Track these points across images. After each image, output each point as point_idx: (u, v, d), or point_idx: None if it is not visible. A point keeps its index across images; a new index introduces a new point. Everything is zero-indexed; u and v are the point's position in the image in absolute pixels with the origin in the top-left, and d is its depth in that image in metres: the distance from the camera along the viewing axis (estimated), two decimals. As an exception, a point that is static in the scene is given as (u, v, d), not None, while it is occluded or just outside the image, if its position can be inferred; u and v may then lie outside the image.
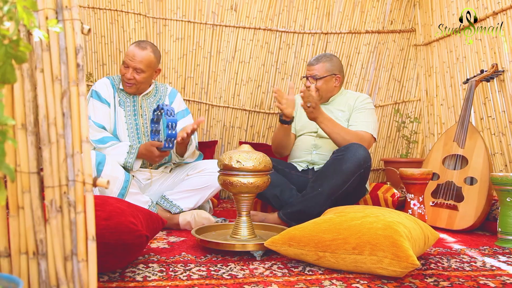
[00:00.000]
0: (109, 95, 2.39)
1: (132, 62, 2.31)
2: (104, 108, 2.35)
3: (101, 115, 2.33)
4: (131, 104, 2.41)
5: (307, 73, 2.55)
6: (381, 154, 3.85)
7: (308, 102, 2.21)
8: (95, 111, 2.32)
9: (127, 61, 2.32)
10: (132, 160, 2.23)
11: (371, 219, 1.51)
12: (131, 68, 2.32)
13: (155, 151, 2.20)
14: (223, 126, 3.67)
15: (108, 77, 2.46)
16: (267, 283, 1.37)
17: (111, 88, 2.41)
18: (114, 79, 2.46)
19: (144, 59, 2.31)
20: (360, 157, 2.11)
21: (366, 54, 3.78)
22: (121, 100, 2.40)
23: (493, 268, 1.58)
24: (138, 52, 2.31)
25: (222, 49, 3.61)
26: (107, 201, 1.47)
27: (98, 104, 2.34)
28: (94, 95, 2.35)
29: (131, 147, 2.25)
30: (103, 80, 2.43)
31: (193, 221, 2.21)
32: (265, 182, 1.79)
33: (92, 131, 2.27)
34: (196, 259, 1.66)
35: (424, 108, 3.68)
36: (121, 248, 1.32)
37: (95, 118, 2.31)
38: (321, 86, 2.52)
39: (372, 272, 1.44)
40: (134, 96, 2.43)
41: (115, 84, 2.43)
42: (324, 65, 2.53)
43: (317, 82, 2.51)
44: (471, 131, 2.43)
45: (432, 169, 2.51)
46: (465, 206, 2.26)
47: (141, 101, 2.43)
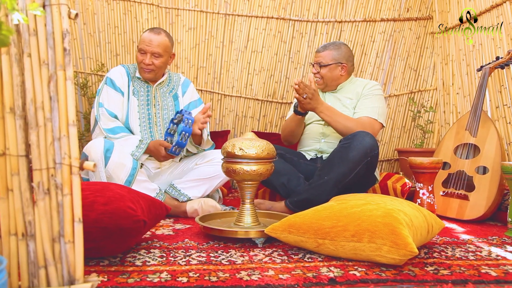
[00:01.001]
0: (123, 83, 2.41)
1: (149, 47, 2.33)
2: (117, 96, 2.37)
3: (115, 103, 2.35)
4: (145, 93, 2.43)
5: (314, 60, 2.55)
6: (395, 144, 3.79)
7: (303, 94, 2.19)
8: (108, 98, 2.35)
9: (143, 47, 2.34)
10: (139, 154, 2.25)
11: (371, 206, 1.50)
12: (148, 54, 2.34)
13: (162, 151, 2.23)
14: (236, 116, 3.67)
15: (123, 65, 2.48)
16: (264, 269, 1.38)
17: (126, 76, 2.43)
18: (129, 67, 2.48)
19: (160, 43, 2.35)
20: (366, 145, 2.08)
21: (381, 43, 3.71)
22: (135, 89, 2.42)
23: (499, 257, 1.55)
24: (154, 37, 2.34)
25: (234, 38, 3.60)
26: (108, 187, 1.49)
27: (112, 92, 2.36)
28: (108, 83, 2.38)
29: (141, 142, 2.28)
30: (118, 68, 2.45)
31: (200, 209, 2.23)
32: (268, 170, 1.79)
33: (105, 120, 2.30)
34: (198, 246, 1.67)
35: (440, 97, 3.60)
36: (119, 232, 1.34)
37: (108, 106, 2.34)
38: (326, 74, 2.50)
39: (371, 260, 1.42)
40: (148, 85, 2.45)
41: (130, 73, 2.45)
42: (331, 53, 2.51)
43: (321, 70, 2.49)
44: (484, 119, 2.36)
45: (444, 158, 2.46)
46: (476, 196, 2.22)
47: (154, 91, 2.46)
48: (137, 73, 2.45)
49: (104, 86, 2.38)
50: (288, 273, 1.33)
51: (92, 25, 3.41)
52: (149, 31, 2.38)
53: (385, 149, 3.80)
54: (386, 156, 3.80)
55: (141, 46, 2.35)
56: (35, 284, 0.91)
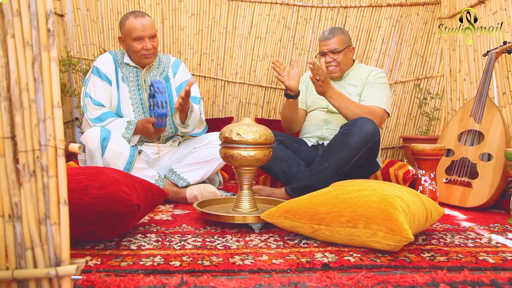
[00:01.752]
0: (110, 71, 2.37)
1: (145, 32, 2.28)
2: (104, 85, 2.34)
3: (101, 92, 2.32)
4: (134, 78, 2.40)
5: (324, 49, 2.47)
6: (401, 131, 3.75)
7: (317, 75, 2.16)
8: (95, 88, 2.32)
9: (139, 34, 2.27)
10: (129, 136, 2.24)
11: (367, 192, 1.48)
12: (146, 38, 2.29)
13: (151, 128, 2.21)
14: (239, 103, 3.66)
15: (110, 51, 2.44)
16: (258, 254, 1.37)
17: (113, 63, 2.39)
18: (117, 54, 2.43)
19: (151, 24, 2.32)
20: (367, 131, 2.06)
21: (387, 29, 3.66)
22: (124, 75, 2.39)
23: (498, 245, 1.53)
24: (144, 20, 2.29)
25: (238, 24, 3.57)
26: (103, 171, 1.49)
27: (97, 81, 2.33)
28: (94, 72, 2.35)
29: (129, 123, 2.27)
30: (105, 56, 2.41)
31: (200, 195, 2.23)
32: (266, 155, 1.78)
33: (90, 109, 2.29)
34: (194, 231, 1.67)
35: (447, 84, 3.55)
36: (113, 216, 1.34)
37: (94, 95, 2.31)
38: (342, 59, 2.47)
39: (367, 246, 1.41)
40: (138, 70, 2.42)
41: (117, 59, 2.41)
42: (340, 38, 2.48)
43: (337, 56, 2.45)
44: (489, 105, 2.32)
45: (447, 145, 2.43)
46: (479, 183, 2.18)
47: (144, 75, 2.43)
48: (125, 58, 2.40)
49: (90, 76, 2.35)
50: (282, 258, 1.33)
51: (95, 11, 3.40)
52: (133, 17, 2.28)
53: (390, 137, 3.76)
54: (391, 144, 3.77)
55: (136, 34, 2.27)
56: (22, 265, 0.91)
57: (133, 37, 2.30)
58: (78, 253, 1.35)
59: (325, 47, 2.46)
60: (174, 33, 3.50)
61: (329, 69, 2.47)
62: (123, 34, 2.34)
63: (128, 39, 2.32)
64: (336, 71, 2.49)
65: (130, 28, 2.29)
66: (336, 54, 2.45)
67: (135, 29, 2.28)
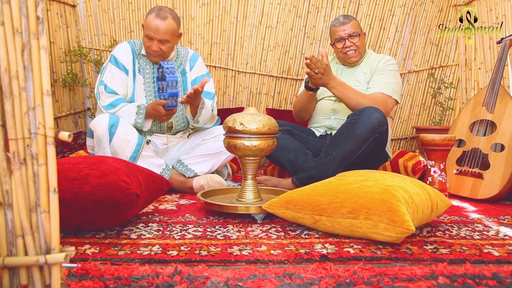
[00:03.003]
0: (128, 61, 2.37)
1: (156, 35, 2.25)
2: (121, 75, 2.34)
3: (117, 81, 2.32)
4: (150, 70, 2.40)
5: (342, 34, 2.42)
6: (414, 121, 3.69)
7: (315, 68, 2.12)
8: (112, 76, 2.32)
9: (150, 34, 2.26)
10: (141, 120, 2.24)
11: (369, 183, 1.45)
12: (156, 41, 2.27)
13: (162, 110, 2.19)
14: (250, 93, 3.64)
15: (129, 41, 2.43)
16: (257, 244, 1.36)
17: (131, 54, 2.38)
18: (135, 43, 2.43)
19: (167, 29, 2.26)
20: (374, 121, 2.02)
21: (401, 17, 3.58)
22: (140, 66, 2.39)
23: (506, 237, 1.48)
24: (161, 23, 2.24)
25: (248, 13, 3.53)
26: (104, 160, 1.49)
27: (115, 70, 2.33)
28: (112, 61, 2.35)
29: (139, 107, 2.26)
30: (123, 46, 2.40)
31: (206, 185, 2.22)
32: (269, 145, 1.76)
33: (103, 97, 2.29)
34: (197, 221, 1.67)
35: (462, 73, 3.46)
36: (112, 205, 1.34)
37: (111, 84, 2.31)
38: (361, 43, 2.45)
39: (368, 237, 1.39)
40: (154, 62, 2.41)
41: (135, 50, 2.40)
42: (355, 23, 2.46)
43: (357, 40, 2.41)
44: (502, 94, 2.25)
45: (459, 135, 2.37)
46: (490, 174, 2.13)
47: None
48: (143, 50, 2.40)
49: (108, 64, 2.35)
50: (281, 249, 1.31)
51: (106, 2, 3.41)
52: (155, 15, 2.26)
53: (403, 127, 3.70)
54: (404, 134, 3.71)
55: (147, 32, 2.26)
56: (13, 252, 0.91)
57: (145, 33, 2.30)
58: (78, 241, 1.36)
59: (343, 32, 2.41)
60: (185, 22, 3.49)
61: (349, 54, 2.43)
62: (144, 24, 2.34)
63: (143, 31, 2.33)
64: (356, 55, 2.45)
65: (146, 23, 2.29)
66: (354, 37, 2.41)
67: (148, 27, 2.27)
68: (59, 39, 3.12)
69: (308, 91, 2.35)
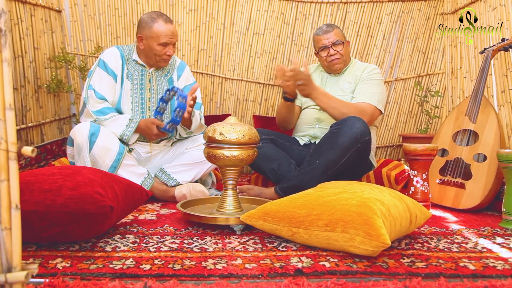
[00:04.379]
0: (116, 66, 2.35)
1: (173, 39, 2.29)
2: (109, 80, 2.31)
3: (105, 86, 2.30)
4: (139, 77, 2.38)
5: (326, 42, 2.43)
6: (401, 129, 3.69)
7: (298, 80, 2.12)
8: (100, 81, 2.30)
9: (168, 40, 2.26)
10: (129, 133, 2.23)
11: (347, 195, 1.44)
12: (171, 45, 2.30)
13: (154, 129, 2.19)
14: (237, 100, 3.62)
15: (117, 46, 2.40)
16: (233, 257, 1.34)
17: (120, 59, 2.36)
18: (124, 49, 2.40)
19: (176, 31, 2.33)
20: (356, 131, 2.01)
21: (388, 24, 3.59)
22: (129, 72, 2.37)
23: (484, 250, 1.48)
24: (172, 26, 2.29)
25: (236, 20, 3.53)
26: (79, 171, 1.47)
27: (103, 74, 2.31)
28: (101, 65, 2.32)
29: (131, 121, 2.25)
30: (112, 50, 2.38)
31: (189, 194, 2.21)
32: (250, 156, 1.74)
33: (93, 102, 2.26)
34: (175, 232, 1.65)
35: (448, 81, 3.48)
36: (85, 218, 1.32)
37: (99, 89, 2.28)
38: (345, 51, 2.46)
39: (345, 250, 1.38)
40: (143, 69, 2.39)
41: (124, 55, 2.38)
42: (338, 31, 2.47)
43: (341, 48, 2.41)
44: (484, 104, 2.26)
45: (442, 145, 2.38)
46: (472, 184, 2.13)
47: (150, 75, 2.40)
48: (132, 55, 2.38)
49: (96, 68, 2.32)
50: (256, 262, 1.30)
51: (92, 7, 3.39)
52: (164, 21, 2.26)
53: (390, 135, 3.71)
54: (391, 142, 3.72)
55: (164, 40, 2.25)
56: (-26, 271, 0.89)
57: (160, 42, 2.27)
58: (51, 254, 1.34)
59: (327, 40, 2.42)
60: (172, 29, 3.47)
61: (333, 62, 2.44)
62: (147, 35, 2.28)
63: (152, 41, 2.27)
64: (340, 63, 2.46)
65: (158, 32, 2.25)
66: (338, 46, 2.42)
67: (165, 35, 2.25)
68: (43, 45, 3.10)
69: (286, 101, 2.35)
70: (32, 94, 2.95)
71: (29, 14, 2.94)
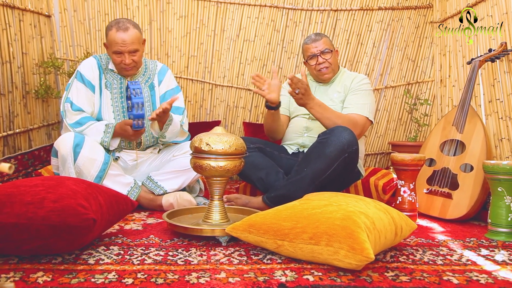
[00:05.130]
0: (94, 77, 2.33)
1: (125, 48, 2.22)
2: (86, 92, 2.30)
3: (83, 98, 2.28)
4: (118, 85, 2.36)
5: (315, 51, 2.44)
6: (391, 137, 3.71)
7: (296, 89, 2.12)
8: (78, 93, 2.28)
9: (118, 48, 2.22)
10: (108, 139, 2.21)
11: (332, 208, 1.44)
12: (126, 54, 2.24)
13: (129, 130, 2.17)
14: (227, 106, 3.62)
15: (95, 56, 2.40)
16: (217, 270, 1.34)
17: (97, 69, 2.35)
18: (102, 58, 2.39)
19: (134, 39, 2.24)
20: (344, 141, 2.02)
21: (378, 32, 3.61)
22: (107, 81, 2.35)
23: (468, 262, 1.49)
24: (125, 35, 2.21)
25: (226, 27, 3.52)
26: (63, 183, 1.46)
27: (80, 86, 2.29)
28: (78, 77, 2.31)
29: (107, 126, 2.23)
30: (89, 61, 2.37)
31: (176, 203, 2.19)
32: (236, 166, 1.74)
33: (69, 115, 2.25)
34: (160, 243, 1.64)
35: (437, 89, 3.50)
36: (68, 230, 1.31)
37: (77, 101, 2.27)
38: (333, 60, 2.47)
39: (330, 264, 1.37)
40: (122, 78, 2.38)
41: (101, 65, 2.37)
42: (327, 40, 2.48)
43: (329, 57, 2.42)
44: (471, 114, 2.27)
45: (429, 154, 2.39)
46: (459, 194, 2.14)
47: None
48: (109, 65, 2.36)
49: (74, 81, 2.31)
50: (240, 276, 1.29)
51: (82, 13, 3.37)
52: (116, 29, 2.22)
53: (380, 142, 3.72)
54: (380, 149, 3.73)
55: (115, 48, 2.22)
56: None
57: (113, 50, 2.26)
58: (32, 267, 1.33)
59: (316, 49, 2.43)
60: (162, 35, 3.46)
61: (322, 71, 2.44)
62: (107, 43, 2.29)
63: (109, 49, 2.28)
64: (329, 71, 2.46)
65: (111, 40, 2.24)
66: (327, 54, 2.43)
67: (114, 42, 2.23)
68: (32, 50, 3.07)
69: (269, 110, 2.35)
70: (20, 100, 2.93)
71: (18, 19, 2.92)
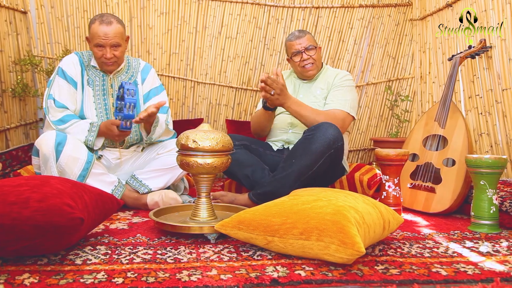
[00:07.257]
0: (76, 74, 2.30)
1: (107, 41, 2.20)
2: (69, 88, 2.26)
3: (65, 95, 2.25)
4: (100, 82, 2.33)
5: (299, 47, 2.43)
6: (372, 133, 3.75)
7: (271, 90, 2.11)
8: (60, 90, 2.24)
9: (100, 41, 2.19)
10: (92, 138, 2.18)
11: (322, 203, 1.44)
12: (107, 47, 2.21)
13: (115, 130, 2.13)
14: (209, 104, 3.60)
15: (76, 52, 2.36)
16: (208, 268, 1.32)
17: (79, 66, 2.31)
18: (83, 55, 2.36)
19: (116, 33, 2.21)
20: (330, 137, 2.02)
21: (359, 30, 3.64)
22: (90, 78, 2.31)
23: (454, 254, 1.51)
24: (108, 28, 2.19)
25: (208, 24, 3.50)
26: (47, 182, 1.42)
27: (63, 83, 2.25)
28: (59, 73, 2.27)
29: (92, 125, 2.19)
30: (71, 57, 2.33)
31: (161, 201, 2.17)
32: (223, 163, 1.73)
33: (53, 112, 2.21)
34: (148, 242, 1.61)
35: (417, 86, 3.55)
36: (53, 230, 1.28)
37: (59, 98, 2.23)
38: (317, 56, 2.47)
39: (321, 259, 1.38)
40: (104, 74, 2.34)
41: (83, 61, 2.33)
42: (310, 36, 2.49)
43: (313, 53, 2.42)
44: (453, 110, 2.32)
45: (412, 149, 2.42)
46: (442, 188, 2.18)
47: (112, 80, 2.35)
48: (92, 61, 2.33)
49: (55, 77, 2.27)
50: (231, 272, 1.28)
51: (60, 9, 3.30)
52: (99, 22, 2.20)
53: (361, 139, 3.76)
54: (362, 146, 3.76)
55: (96, 41, 2.20)
56: None
57: (94, 43, 2.23)
58: (17, 269, 1.29)
59: (300, 45, 2.43)
60: (143, 32, 3.42)
61: (307, 67, 2.45)
62: (89, 37, 2.26)
63: (91, 43, 2.25)
64: (313, 68, 2.46)
65: (93, 33, 2.21)
66: (311, 50, 2.43)
67: (96, 35, 2.20)
68: (7, 47, 2.99)
69: (267, 110, 2.33)
70: (-4, 99, 2.85)
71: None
